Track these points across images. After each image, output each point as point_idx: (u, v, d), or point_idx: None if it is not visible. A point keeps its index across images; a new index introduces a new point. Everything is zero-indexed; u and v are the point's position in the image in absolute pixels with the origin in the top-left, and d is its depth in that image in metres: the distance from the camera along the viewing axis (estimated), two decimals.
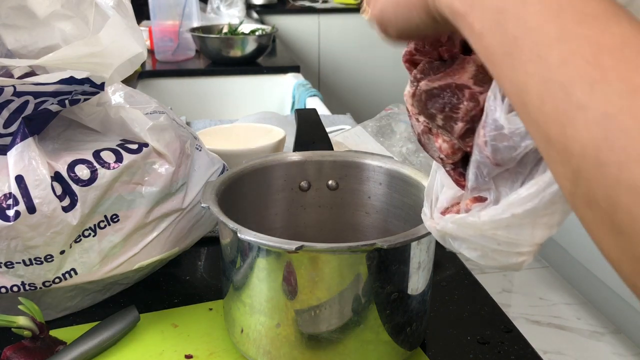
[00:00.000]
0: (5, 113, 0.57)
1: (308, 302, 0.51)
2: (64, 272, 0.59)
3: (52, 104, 0.58)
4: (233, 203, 0.60)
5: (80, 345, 0.57)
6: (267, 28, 2.05)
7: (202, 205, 0.55)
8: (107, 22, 0.56)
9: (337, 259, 0.50)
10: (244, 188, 0.63)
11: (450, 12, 0.32)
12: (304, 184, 0.67)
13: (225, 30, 2.06)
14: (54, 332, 0.60)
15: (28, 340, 0.56)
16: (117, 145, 0.62)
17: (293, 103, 1.79)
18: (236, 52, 1.94)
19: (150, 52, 2.02)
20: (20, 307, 0.56)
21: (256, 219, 0.65)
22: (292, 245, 0.48)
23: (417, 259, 0.53)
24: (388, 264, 0.51)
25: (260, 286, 0.52)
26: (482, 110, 0.35)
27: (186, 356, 0.58)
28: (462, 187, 0.39)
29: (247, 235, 0.49)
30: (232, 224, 0.51)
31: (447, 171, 0.40)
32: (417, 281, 0.54)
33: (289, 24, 3.18)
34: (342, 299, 0.51)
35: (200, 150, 0.70)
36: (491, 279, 2.32)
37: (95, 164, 0.59)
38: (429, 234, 0.51)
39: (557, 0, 0.27)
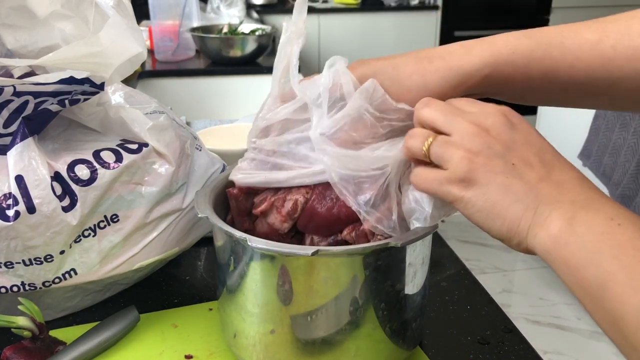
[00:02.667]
0: (5, 113, 0.57)
1: (304, 307, 0.50)
2: (63, 272, 0.59)
3: (52, 103, 0.58)
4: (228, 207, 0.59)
5: (80, 346, 0.57)
6: (267, 28, 2.04)
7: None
8: (107, 22, 0.56)
9: (335, 262, 0.49)
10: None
11: (543, 252, 0.40)
12: None
13: (225, 30, 2.06)
14: (53, 333, 0.60)
15: (28, 341, 0.56)
16: (117, 145, 0.62)
17: None
18: (236, 52, 1.94)
19: (150, 52, 2.02)
20: (20, 307, 0.56)
21: None
22: (308, 250, 0.46)
23: (415, 257, 0.53)
24: (390, 263, 0.51)
25: (255, 291, 0.51)
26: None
27: (186, 356, 0.58)
28: None
29: (258, 243, 0.48)
30: (239, 234, 0.49)
31: None
32: (415, 279, 0.54)
33: None
34: (340, 301, 0.50)
35: (200, 150, 0.70)
36: (491, 279, 2.32)
37: (95, 164, 0.59)
38: (435, 229, 0.50)
39: None
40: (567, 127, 2.18)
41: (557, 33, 0.49)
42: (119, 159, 0.60)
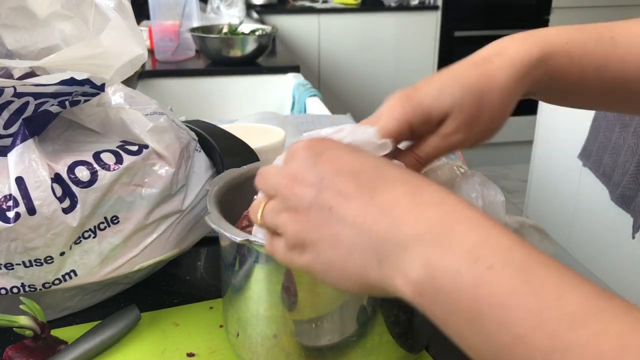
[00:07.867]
0: (6, 114, 0.57)
1: (308, 313, 0.50)
2: (63, 273, 0.59)
3: (53, 105, 0.58)
4: (234, 205, 0.60)
5: (81, 345, 0.57)
6: (267, 28, 2.05)
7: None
8: (109, 24, 0.56)
9: None
10: (245, 190, 0.63)
11: (414, 300, 0.33)
12: None
13: (225, 30, 2.06)
14: (55, 332, 0.60)
15: (30, 340, 0.56)
16: (117, 147, 0.62)
17: (293, 103, 1.79)
18: (236, 52, 1.94)
19: (150, 52, 2.02)
20: (21, 306, 0.56)
21: None
22: None
23: None
24: None
25: (258, 293, 0.51)
26: None
27: (188, 354, 0.58)
28: None
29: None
30: (241, 238, 0.47)
31: None
32: None
33: (289, 24, 3.18)
34: (345, 308, 0.49)
35: (200, 152, 0.70)
36: None
37: (95, 165, 0.59)
38: None
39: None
40: (567, 127, 2.18)
41: (606, 28, 0.48)
42: (119, 160, 0.60)
